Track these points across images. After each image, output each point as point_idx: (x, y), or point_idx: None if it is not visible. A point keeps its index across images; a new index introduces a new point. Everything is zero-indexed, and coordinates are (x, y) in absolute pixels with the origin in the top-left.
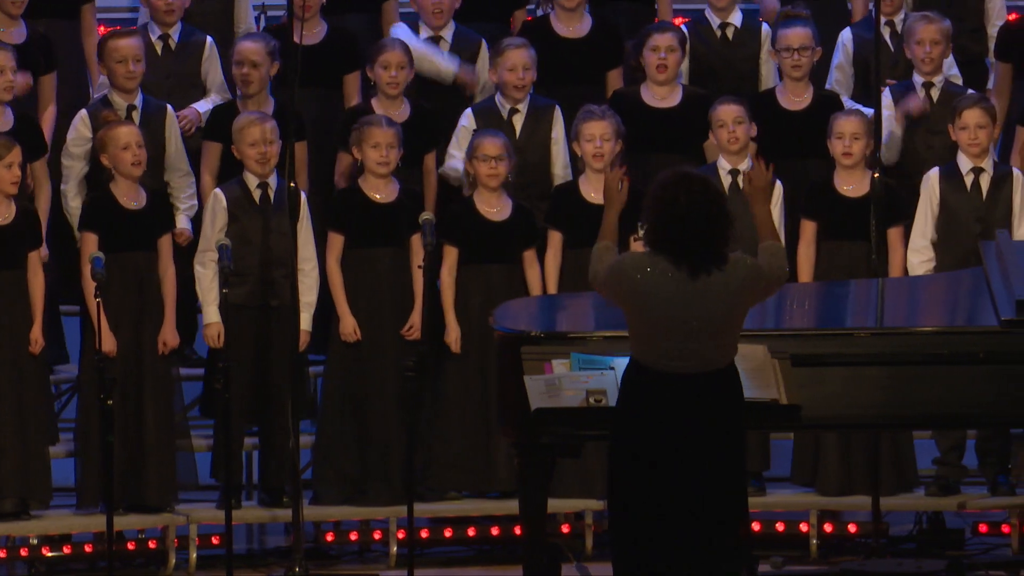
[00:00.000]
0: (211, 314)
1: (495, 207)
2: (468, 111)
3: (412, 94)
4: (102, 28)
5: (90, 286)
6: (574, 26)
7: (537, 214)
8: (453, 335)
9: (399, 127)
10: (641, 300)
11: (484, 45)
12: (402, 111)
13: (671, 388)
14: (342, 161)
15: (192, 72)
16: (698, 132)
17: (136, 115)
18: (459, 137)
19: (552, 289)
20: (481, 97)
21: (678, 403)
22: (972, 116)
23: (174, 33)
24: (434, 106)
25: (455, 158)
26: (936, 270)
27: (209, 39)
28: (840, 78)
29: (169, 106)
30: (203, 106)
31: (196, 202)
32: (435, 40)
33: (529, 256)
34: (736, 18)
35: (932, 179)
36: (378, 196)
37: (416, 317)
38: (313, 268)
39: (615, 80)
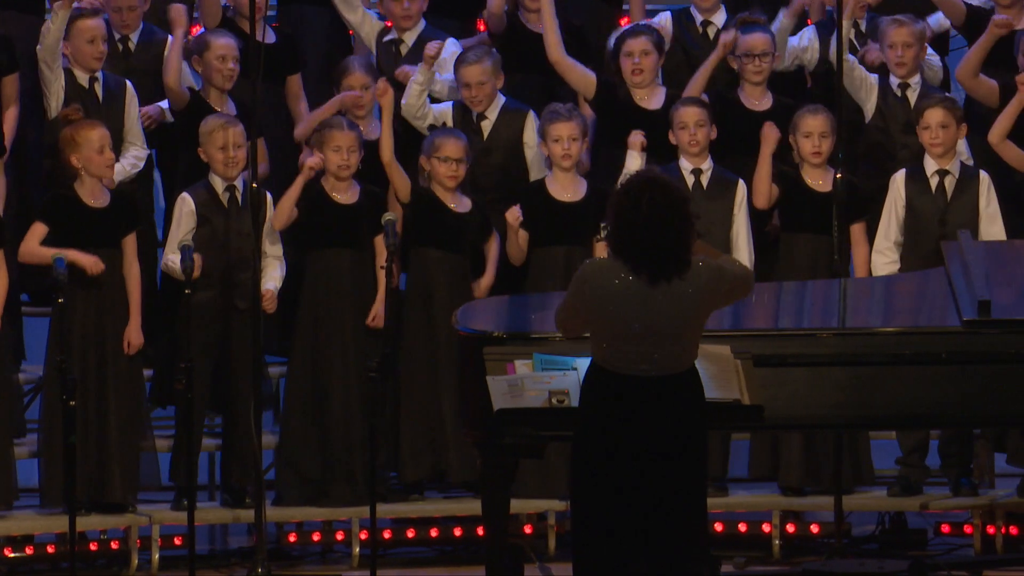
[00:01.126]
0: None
1: (453, 201)
2: (448, 104)
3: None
4: None
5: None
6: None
7: (499, 216)
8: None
9: (359, 130)
10: (601, 305)
11: (451, 43)
12: (372, 128)
13: (632, 391)
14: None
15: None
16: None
17: (98, 87)
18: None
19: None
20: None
21: (639, 406)
22: (934, 116)
23: (134, 36)
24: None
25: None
26: (900, 271)
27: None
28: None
29: (128, 82)
30: (166, 103)
31: (140, 166)
32: (396, 43)
33: (491, 245)
34: (719, 18)
35: (898, 180)
36: (339, 197)
37: (379, 306)
38: (279, 259)
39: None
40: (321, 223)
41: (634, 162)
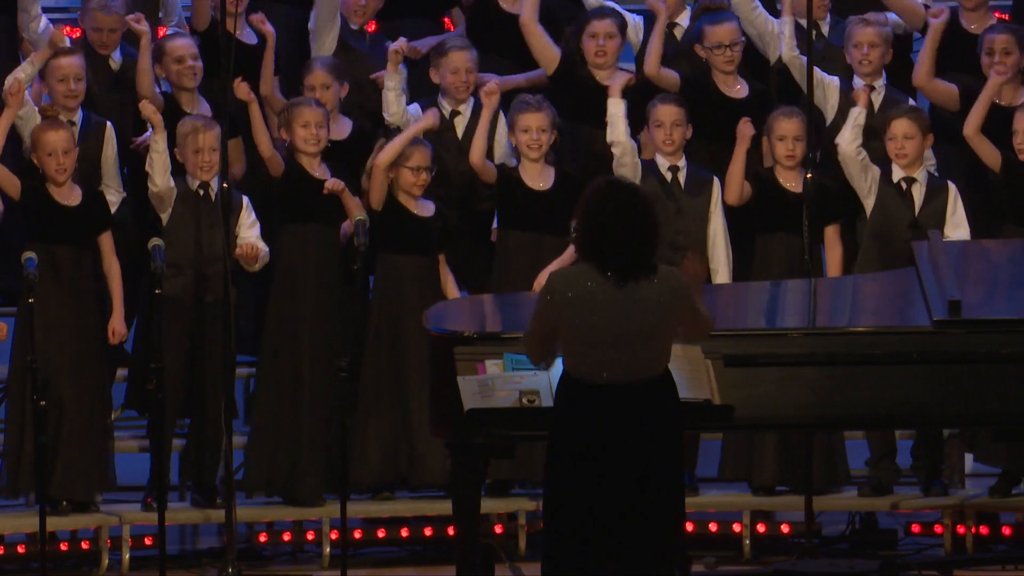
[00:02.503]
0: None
1: (417, 206)
2: (415, 105)
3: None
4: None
5: None
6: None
7: (470, 215)
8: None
9: (326, 109)
10: (569, 310)
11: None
12: (340, 127)
13: (604, 399)
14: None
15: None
16: (638, 118)
17: (75, 131)
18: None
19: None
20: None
21: (612, 414)
22: (899, 126)
23: (115, 55)
24: (369, 109)
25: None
26: (866, 268)
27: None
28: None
29: (109, 123)
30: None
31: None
32: (359, 35)
33: (443, 259)
34: (684, 18)
35: (877, 171)
36: (315, 173)
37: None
38: (258, 240)
39: None
40: (297, 197)
41: (616, 107)
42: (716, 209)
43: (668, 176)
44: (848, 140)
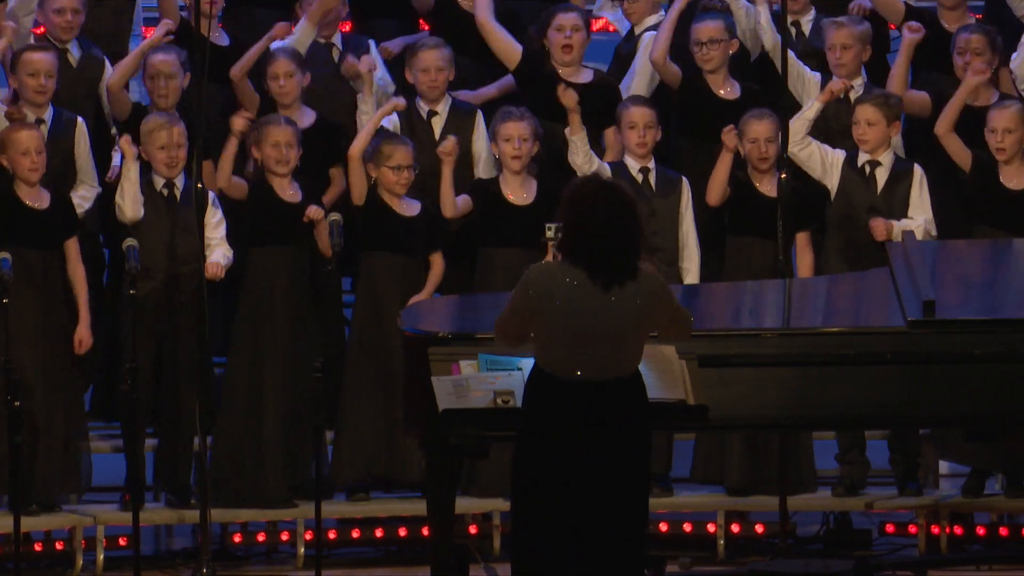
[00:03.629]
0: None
1: (401, 205)
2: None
3: (317, 102)
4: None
5: None
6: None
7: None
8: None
9: (297, 127)
10: (549, 308)
11: (372, 46)
12: (301, 116)
13: (575, 396)
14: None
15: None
16: (603, 114)
17: (44, 128)
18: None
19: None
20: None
21: (582, 411)
22: (863, 112)
23: (72, 47)
24: (339, 113)
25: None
26: (829, 255)
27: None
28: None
29: (80, 119)
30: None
31: (90, 205)
32: (327, 47)
33: (436, 259)
34: (653, 20)
35: (840, 157)
36: (284, 195)
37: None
38: (223, 241)
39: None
40: (265, 220)
41: (578, 143)
42: (687, 210)
43: (639, 178)
44: (790, 133)
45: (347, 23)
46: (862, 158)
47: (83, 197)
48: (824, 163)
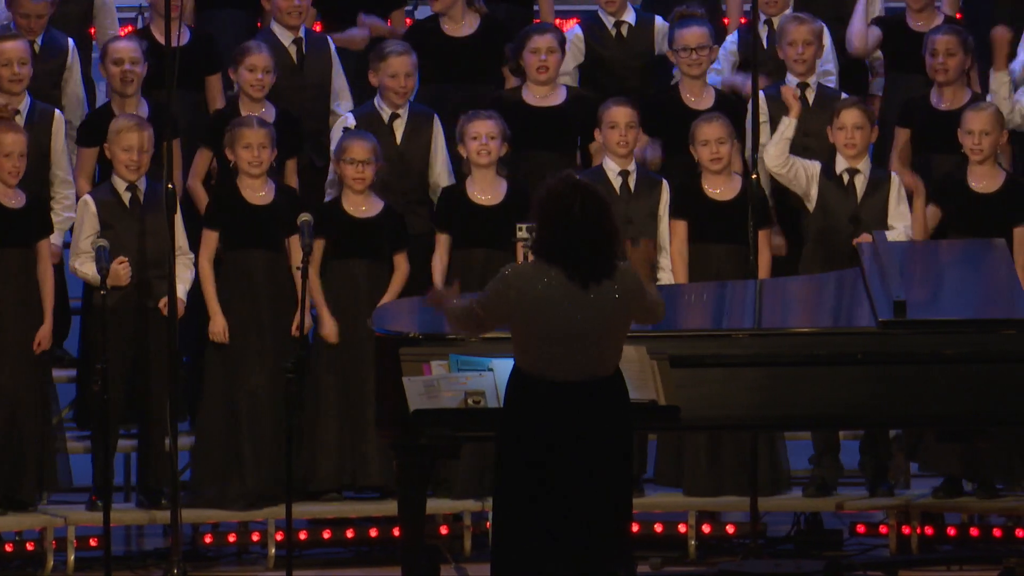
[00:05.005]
0: (94, 270)
1: (362, 206)
2: (349, 114)
3: (276, 98)
4: None
5: None
6: (462, 25)
7: (416, 219)
8: (328, 327)
9: (271, 127)
10: (528, 309)
11: (331, 47)
12: (266, 113)
13: (557, 396)
14: (200, 159)
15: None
16: (581, 132)
17: (20, 119)
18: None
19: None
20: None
21: (564, 411)
22: (850, 116)
23: (38, 40)
24: (300, 111)
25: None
26: (809, 266)
27: (71, 42)
28: (725, 72)
29: (58, 111)
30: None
31: (73, 213)
32: (296, 42)
33: (399, 260)
34: (630, 16)
35: (816, 168)
36: (254, 198)
37: (304, 317)
38: (188, 256)
39: (511, 80)
40: (235, 222)
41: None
42: (665, 212)
43: (618, 182)
44: (773, 156)
45: (317, 24)
46: (840, 166)
47: (66, 207)
48: (807, 177)
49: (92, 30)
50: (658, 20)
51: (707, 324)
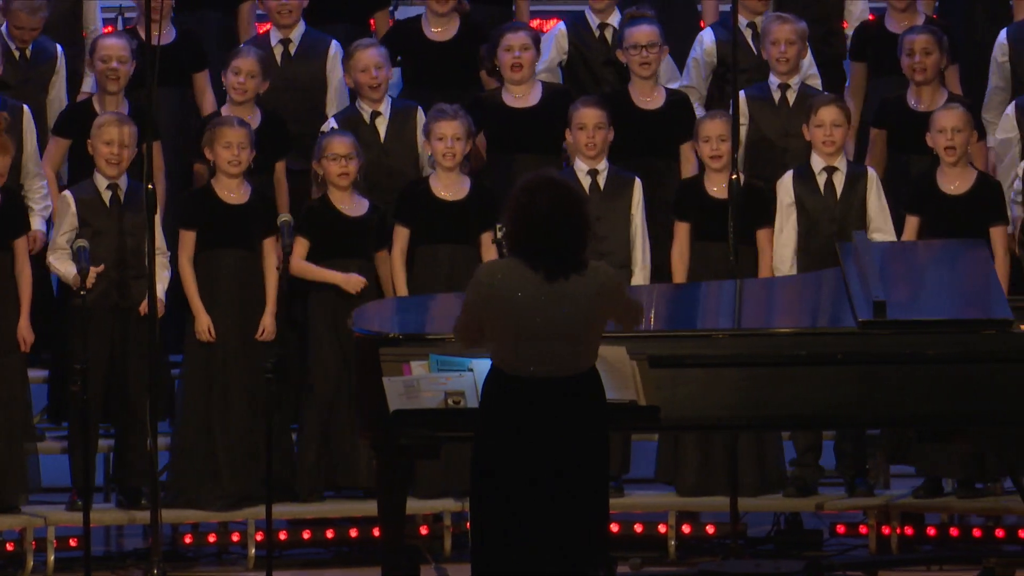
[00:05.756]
0: (71, 269)
1: (349, 204)
2: (331, 120)
3: (264, 102)
4: None
5: None
6: (443, 28)
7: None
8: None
9: (251, 128)
10: (499, 305)
11: (334, 45)
12: (252, 118)
13: (532, 393)
14: (199, 175)
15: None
16: (558, 131)
17: None
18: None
19: (400, 286)
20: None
21: (539, 408)
22: (828, 114)
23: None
24: (287, 112)
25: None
26: (799, 271)
27: (59, 48)
28: (693, 78)
29: (27, 107)
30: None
31: (50, 203)
32: (284, 42)
33: (382, 256)
34: (615, 19)
35: (786, 182)
36: (230, 197)
37: (268, 320)
38: (165, 255)
39: (487, 81)
40: (211, 222)
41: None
42: (637, 210)
43: (587, 181)
44: (785, 258)
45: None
46: (818, 165)
47: (43, 196)
48: (788, 205)
49: (85, 34)
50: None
51: (687, 324)
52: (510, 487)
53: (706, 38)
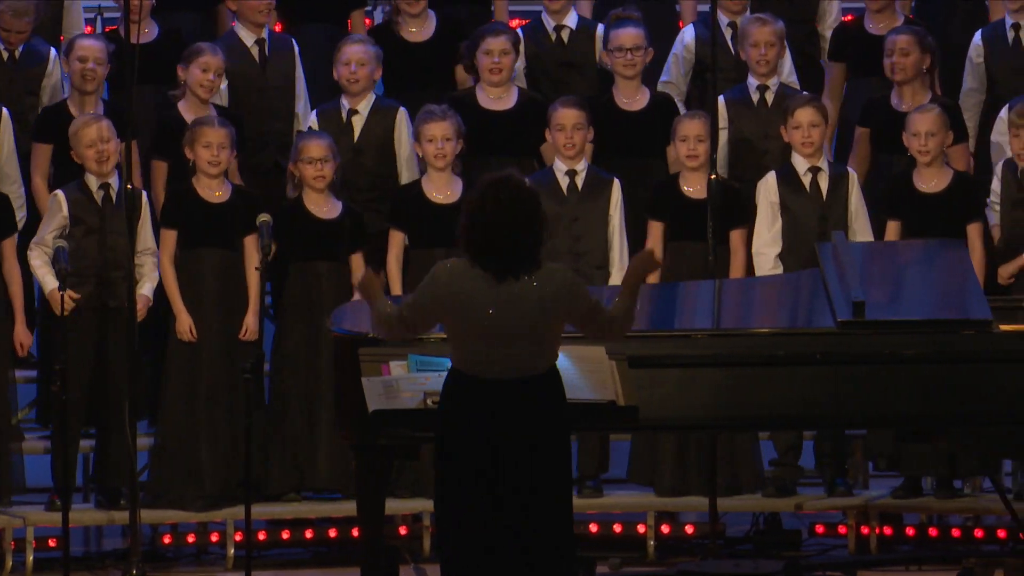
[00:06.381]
0: (49, 283)
1: (324, 206)
2: (313, 113)
3: (239, 98)
4: None
5: None
6: (419, 29)
7: (375, 216)
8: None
9: (231, 127)
10: (452, 305)
11: (295, 47)
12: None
13: (487, 394)
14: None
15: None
16: (534, 135)
17: None
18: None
19: (396, 290)
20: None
21: (495, 409)
22: (805, 115)
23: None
24: (263, 111)
25: None
26: (785, 272)
27: (53, 50)
28: (674, 74)
29: (5, 109)
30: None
31: (25, 212)
32: (259, 43)
33: (356, 259)
34: (571, 20)
35: (770, 182)
36: (211, 196)
37: (251, 319)
38: (153, 255)
39: (462, 77)
40: (191, 221)
41: None
42: (615, 211)
43: (565, 181)
44: (766, 264)
45: (278, 24)
46: (801, 166)
47: (19, 207)
48: (776, 211)
49: (63, 38)
50: (600, 28)
51: (666, 324)
52: (471, 489)
53: (687, 35)
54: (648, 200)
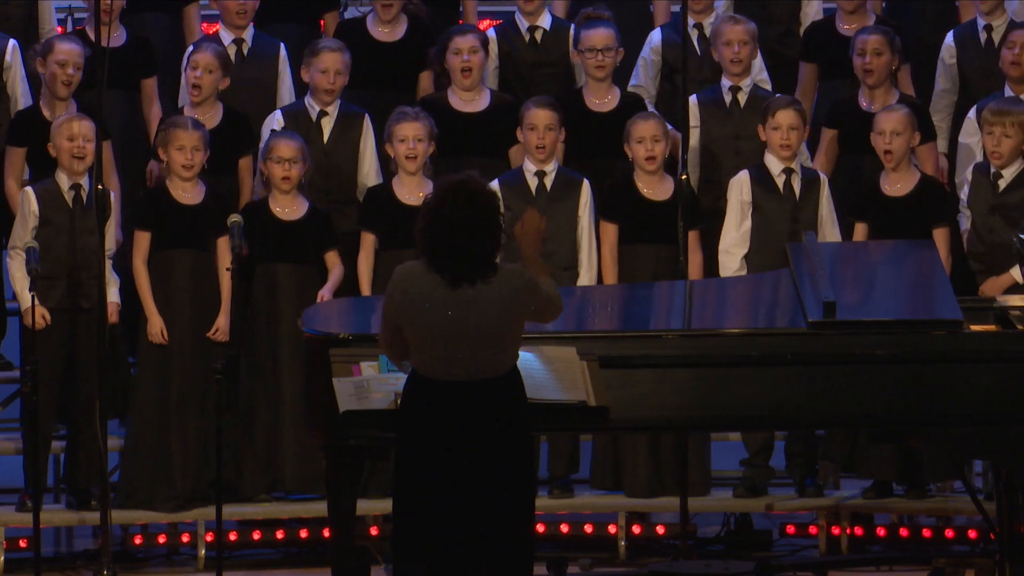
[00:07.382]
0: (27, 299)
1: (288, 207)
2: (278, 113)
3: (226, 98)
4: None
5: None
6: (390, 30)
7: (343, 219)
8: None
9: (205, 130)
10: (411, 309)
11: (283, 49)
12: (214, 114)
13: (446, 396)
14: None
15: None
16: (506, 137)
17: None
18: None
19: (365, 291)
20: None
21: (454, 411)
22: (785, 117)
23: None
24: (246, 109)
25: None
26: (753, 272)
27: (12, 42)
28: (642, 78)
29: None
30: None
31: None
32: (238, 42)
33: (331, 258)
34: (545, 21)
35: (743, 180)
36: (184, 197)
37: (222, 320)
38: (110, 258)
39: (426, 82)
40: (164, 223)
41: None
42: (585, 212)
43: (534, 182)
44: (729, 264)
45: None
46: (775, 167)
47: None
48: (745, 210)
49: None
50: (573, 28)
51: (637, 325)
52: (430, 492)
53: (655, 37)
54: (599, 202)
